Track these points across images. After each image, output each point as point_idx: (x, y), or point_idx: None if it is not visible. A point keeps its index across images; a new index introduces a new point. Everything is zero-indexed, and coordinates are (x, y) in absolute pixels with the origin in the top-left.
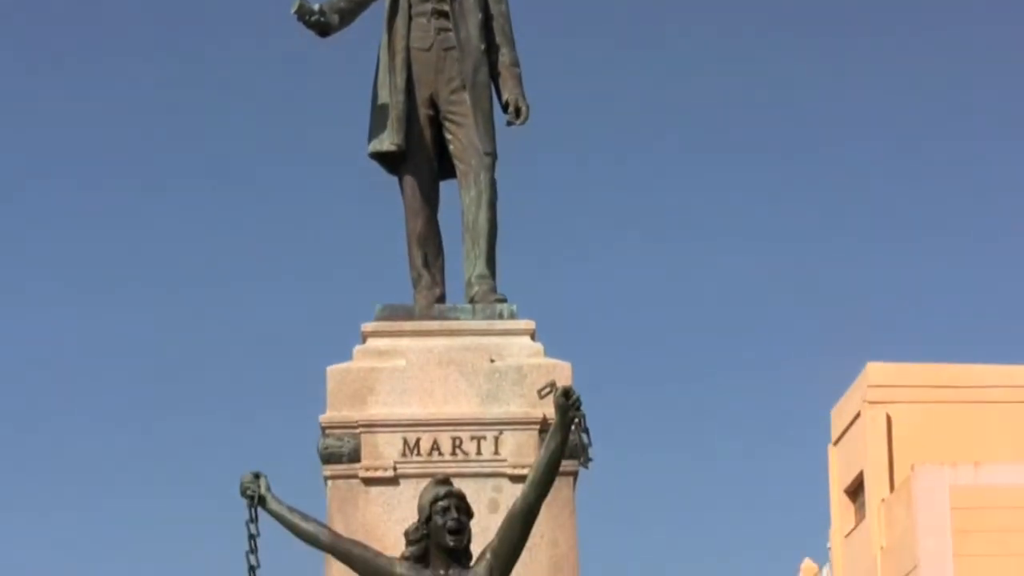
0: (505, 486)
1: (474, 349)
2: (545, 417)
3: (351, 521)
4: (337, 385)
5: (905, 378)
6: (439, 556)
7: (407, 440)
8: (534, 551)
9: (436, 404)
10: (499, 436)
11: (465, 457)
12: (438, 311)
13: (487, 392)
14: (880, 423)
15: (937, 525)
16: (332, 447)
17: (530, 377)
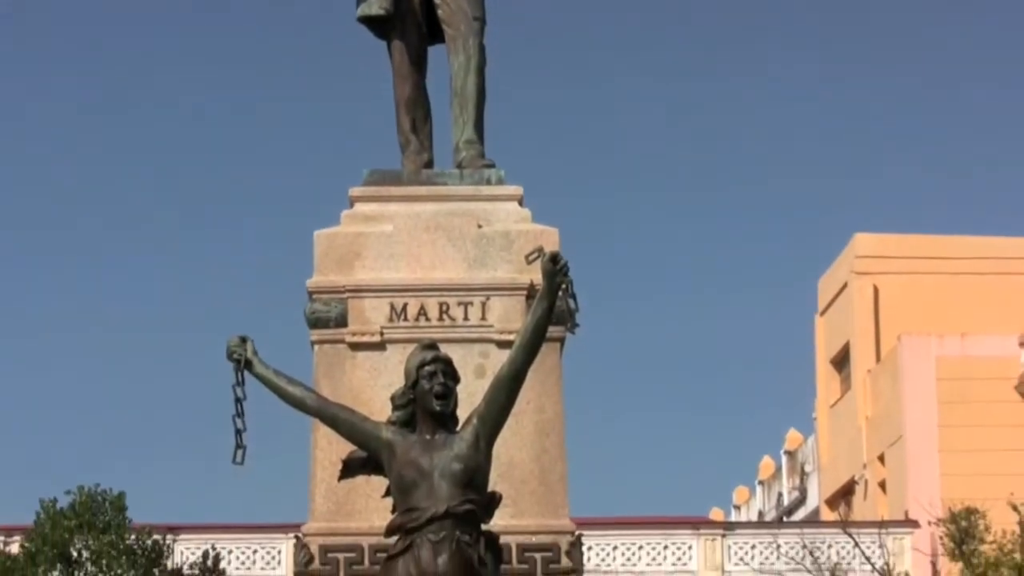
0: (492, 352)
1: (461, 215)
2: (532, 283)
3: (338, 386)
4: (324, 250)
5: (893, 249)
6: (425, 421)
7: (394, 305)
8: (520, 417)
9: (423, 269)
10: (486, 302)
11: (452, 322)
12: (426, 176)
13: (474, 257)
14: (867, 293)
15: (923, 396)
16: (319, 312)
17: (517, 243)
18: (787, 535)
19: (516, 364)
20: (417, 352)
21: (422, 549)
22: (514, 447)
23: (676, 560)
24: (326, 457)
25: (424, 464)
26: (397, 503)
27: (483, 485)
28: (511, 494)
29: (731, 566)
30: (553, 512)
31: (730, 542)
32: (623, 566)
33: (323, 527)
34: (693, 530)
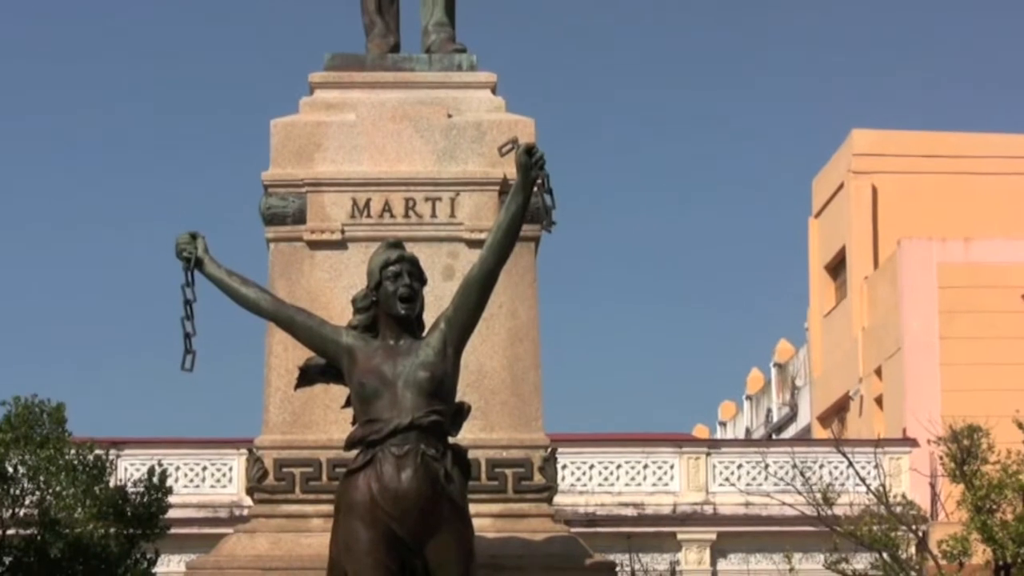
0: (461, 251)
1: (430, 103)
2: (506, 177)
3: (295, 287)
4: (282, 140)
5: (893, 146)
6: (389, 325)
7: (356, 201)
8: (492, 321)
9: (388, 162)
10: (456, 197)
11: (419, 220)
12: (392, 61)
13: (443, 149)
14: (865, 194)
15: (923, 305)
16: (275, 207)
17: (490, 134)
18: (776, 454)
19: (487, 265)
20: (381, 251)
21: (384, 463)
22: (484, 354)
23: (657, 480)
24: (282, 364)
25: (387, 372)
26: (358, 414)
27: (450, 395)
28: (481, 405)
29: (715, 487)
30: (526, 425)
31: (715, 461)
32: (600, 486)
33: (278, 439)
34: (675, 448)
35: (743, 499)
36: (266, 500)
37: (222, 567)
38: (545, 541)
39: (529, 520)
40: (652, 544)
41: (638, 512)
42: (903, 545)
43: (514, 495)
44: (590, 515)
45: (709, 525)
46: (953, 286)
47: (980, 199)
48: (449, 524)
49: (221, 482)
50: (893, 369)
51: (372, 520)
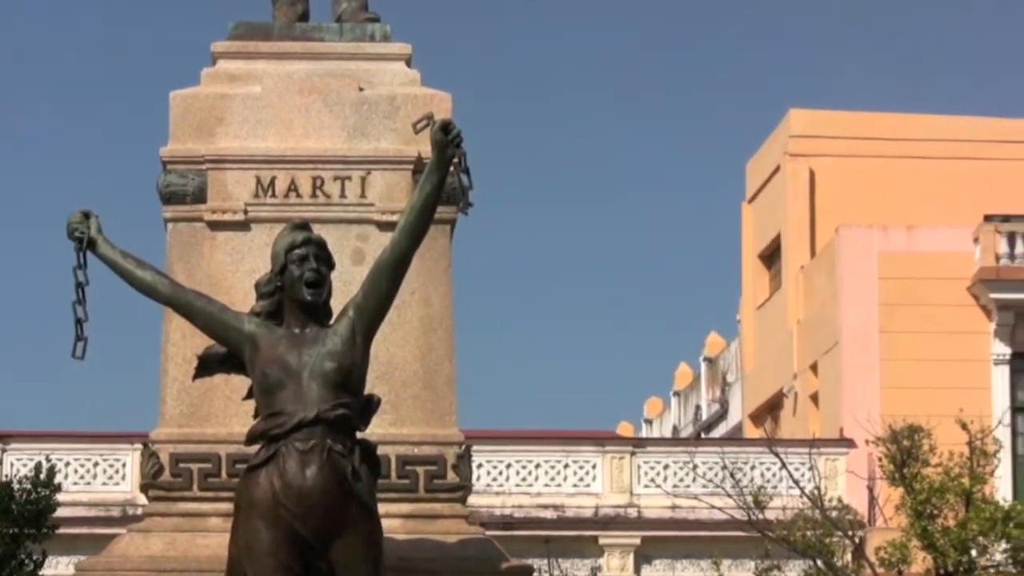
0: (372, 234)
1: (340, 75)
2: (420, 155)
3: (194, 270)
4: (181, 113)
5: (832, 128)
6: (294, 312)
7: (260, 179)
8: (403, 309)
9: (295, 138)
10: (366, 176)
11: (327, 200)
12: (300, 30)
13: (354, 125)
14: (802, 178)
15: (863, 297)
16: (174, 185)
17: (404, 109)
18: (705, 454)
19: (399, 248)
20: (286, 233)
21: (288, 459)
22: (395, 344)
23: (578, 481)
24: (179, 353)
25: (292, 362)
26: (260, 406)
27: (359, 387)
28: (391, 398)
29: (640, 488)
30: (439, 420)
31: (640, 461)
32: (517, 486)
33: (175, 433)
34: (598, 447)
35: (669, 501)
36: (161, 498)
37: (113, 569)
38: (458, 543)
39: (442, 521)
40: (572, 548)
41: (558, 514)
42: (838, 552)
43: (426, 494)
44: (507, 517)
45: (633, 529)
46: (894, 277)
47: (924, 184)
48: (356, 524)
49: (114, 479)
50: (830, 365)
51: (274, 519)
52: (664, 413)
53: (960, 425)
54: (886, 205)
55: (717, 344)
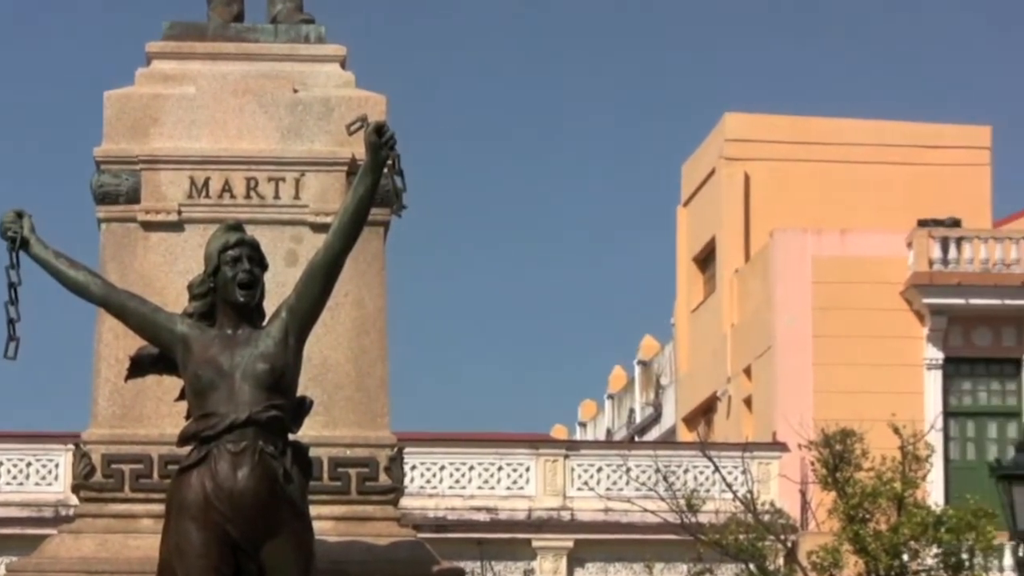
0: (306, 235)
1: (275, 76)
2: (354, 157)
3: (127, 271)
4: (116, 113)
5: (768, 132)
6: (227, 313)
7: (194, 179)
8: (337, 311)
9: (229, 139)
10: (300, 178)
11: (261, 201)
12: (235, 31)
13: (288, 126)
14: (737, 182)
15: (796, 301)
16: (108, 185)
17: (338, 111)
18: (638, 457)
19: (333, 250)
20: (219, 234)
21: (219, 461)
22: (328, 346)
23: (512, 483)
24: (112, 353)
25: (224, 363)
26: (192, 407)
27: (291, 389)
28: (324, 400)
29: (573, 491)
30: (371, 422)
31: (573, 464)
32: (451, 489)
33: (107, 434)
34: (531, 449)
35: (602, 504)
36: (93, 499)
37: (44, 570)
38: (390, 546)
39: (373, 523)
40: (505, 551)
41: (491, 517)
42: (771, 555)
43: (358, 496)
44: (440, 519)
45: (566, 532)
46: (828, 281)
47: (858, 189)
48: (287, 526)
49: (46, 479)
50: (763, 368)
51: (205, 521)
52: (598, 416)
53: (893, 429)
54: (820, 209)
55: (651, 347)
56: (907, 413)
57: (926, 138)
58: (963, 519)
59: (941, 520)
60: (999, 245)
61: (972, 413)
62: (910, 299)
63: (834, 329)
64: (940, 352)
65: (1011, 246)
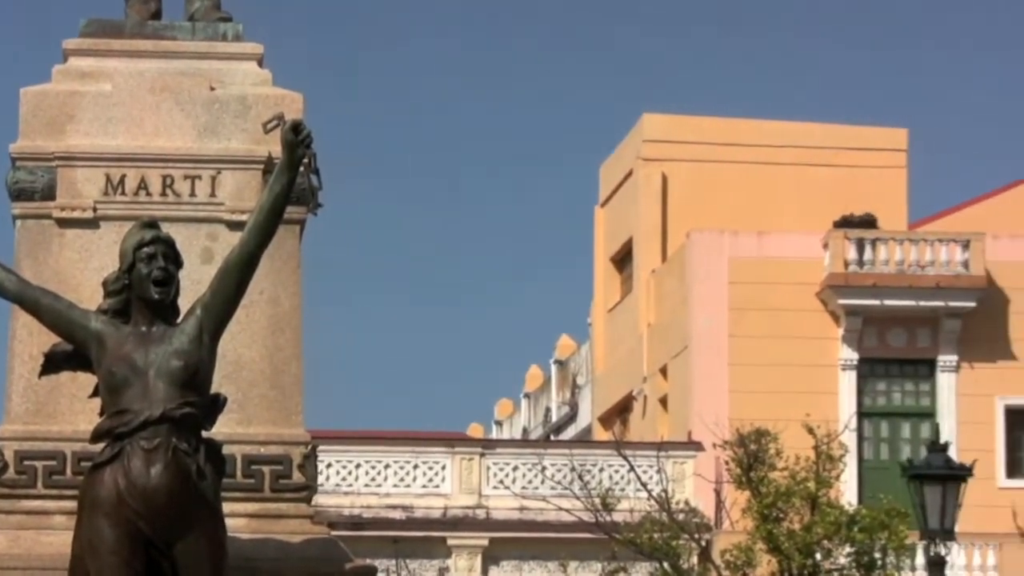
0: (221, 233)
1: (192, 74)
2: (271, 155)
3: (42, 267)
4: (32, 110)
5: (685, 132)
6: (142, 310)
7: (110, 177)
8: (251, 309)
9: (146, 136)
10: (217, 176)
11: (177, 199)
12: (152, 28)
13: (205, 124)
14: (654, 183)
15: (713, 301)
16: (23, 181)
17: (255, 108)
18: (554, 456)
19: (248, 248)
20: (135, 231)
21: (133, 458)
22: (243, 344)
23: (427, 481)
24: (26, 350)
25: (138, 360)
26: (106, 404)
27: (205, 386)
28: (238, 397)
29: (489, 489)
30: (285, 420)
31: (489, 462)
32: (366, 487)
33: (20, 430)
34: (447, 448)
35: (518, 503)
36: (6, 495)
37: None
38: (303, 543)
39: (287, 521)
40: (421, 549)
41: (406, 515)
42: (685, 554)
43: (271, 494)
44: (356, 517)
45: (481, 530)
46: (744, 281)
47: (775, 190)
48: (200, 524)
49: None
50: (679, 368)
51: (118, 518)
52: (514, 415)
53: (807, 429)
54: (737, 210)
55: (568, 347)
56: (821, 413)
57: (843, 140)
58: (876, 518)
59: (854, 519)
60: (914, 247)
61: (886, 413)
62: (826, 300)
63: (750, 329)
64: (855, 353)
65: (926, 248)
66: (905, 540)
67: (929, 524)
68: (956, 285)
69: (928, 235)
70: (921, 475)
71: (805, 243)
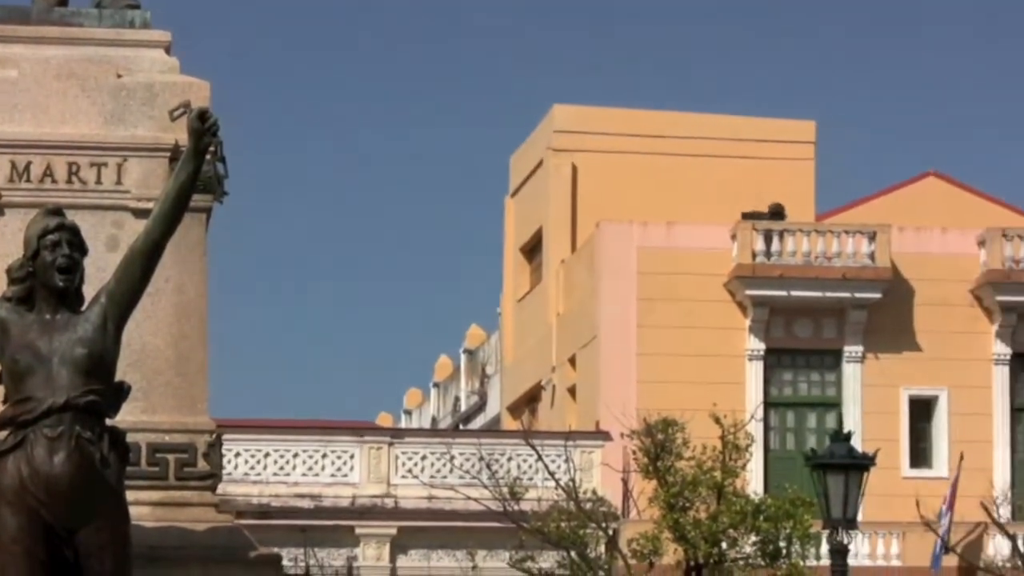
0: (127, 221)
1: (99, 61)
2: (178, 143)
3: None
4: None
5: (595, 123)
6: (46, 298)
7: (15, 164)
8: (157, 297)
9: (51, 123)
10: (123, 163)
11: (82, 186)
12: (59, 15)
13: (111, 112)
14: (564, 173)
15: (621, 291)
16: None
17: (162, 96)
18: (462, 445)
19: (153, 236)
20: (39, 218)
21: (36, 445)
22: (148, 332)
23: (336, 470)
24: None
25: (42, 348)
26: (9, 392)
27: (109, 374)
28: (143, 385)
29: (397, 478)
30: (190, 408)
31: (398, 451)
32: (275, 476)
33: None
34: (356, 437)
35: (426, 492)
36: None
37: None
38: (207, 532)
39: (191, 509)
40: (329, 538)
41: (315, 504)
42: (592, 543)
43: (176, 482)
44: (264, 506)
45: (389, 519)
46: (653, 272)
47: (684, 181)
48: (104, 512)
49: None
50: (588, 358)
51: (20, 506)
52: (423, 404)
53: (714, 419)
54: (646, 201)
55: (477, 336)
56: (728, 403)
57: (752, 132)
58: (781, 508)
59: (760, 509)
60: (821, 238)
61: (792, 404)
62: (733, 291)
63: (658, 320)
64: (762, 343)
65: (833, 239)
66: (809, 529)
67: (832, 513)
68: (862, 277)
69: (835, 227)
70: (824, 464)
71: (713, 234)
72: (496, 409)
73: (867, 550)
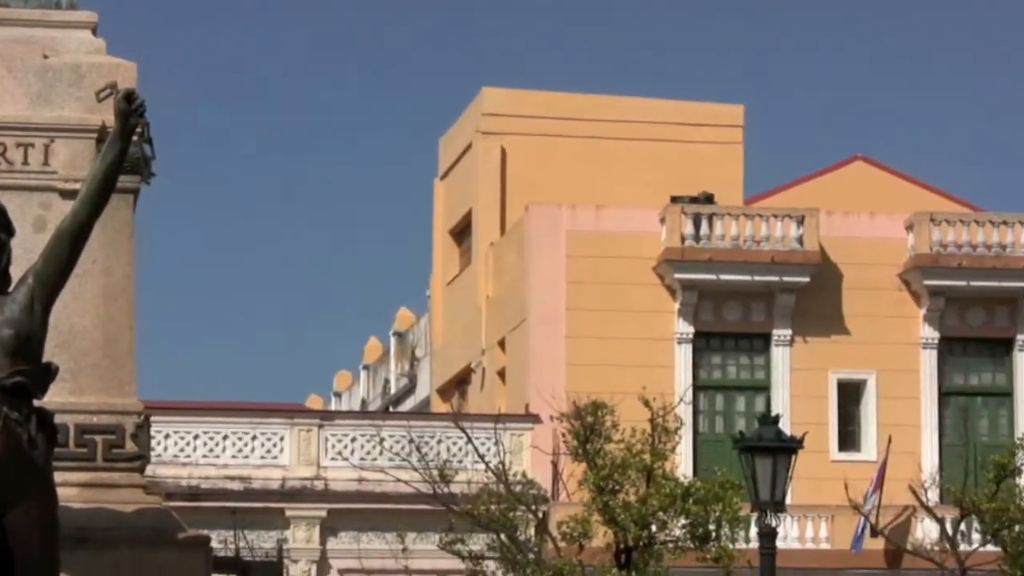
0: (54, 202)
1: (24, 42)
2: (104, 124)
3: None
4: None
5: (524, 106)
6: None
7: None
8: (84, 278)
9: None
10: (50, 144)
11: (9, 167)
12: None
13: (38, 93)
14: (493, 156)
15: (550, 274)
16: None
17: (89, 77)
18: (392, 427)
19: (80, 217)
20: None
21: None
22: (75, 313)
23: (265, 452)
24: None
25: None
26: None
27: (37, 355)
28: (70, 366)
29: (327, 460)
30: (118, 389)
31: (327, 434)
32: (204, 458)
33: None
34: (286, 419)
35: (356, 474)
36: None
37: None
38: (135, 513)
39: (119, 491)
40: (259, 520)
41: (244, 486)
42: (522, 526)
43: (104, 464)
44: (193, 488)
45: (319, 501)
46: (582, 255)
47: (613, 165)
48: (31, 493)
49: None
50: (517, 341)
51: None
52: (353, 386)
53: (643, 402)
54: (576, 184)
55: (407, 319)
56: (657, 386)
57: (681, 116)
58: (710, 491)
59: (689, 492)
60: (750, 222)
61: (721, 387)
62: (662, 274)
63: (587, 303)
64: (691, 327)
65: (761, 223)
66: (738, 512)
67: (760, 496)
68: (791, 260)
69: (763, 211)
70: (752, 447)
71: (642, 217)
72: (426, 392)
73: (796, 533)
